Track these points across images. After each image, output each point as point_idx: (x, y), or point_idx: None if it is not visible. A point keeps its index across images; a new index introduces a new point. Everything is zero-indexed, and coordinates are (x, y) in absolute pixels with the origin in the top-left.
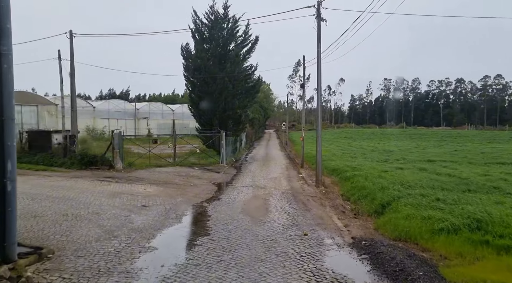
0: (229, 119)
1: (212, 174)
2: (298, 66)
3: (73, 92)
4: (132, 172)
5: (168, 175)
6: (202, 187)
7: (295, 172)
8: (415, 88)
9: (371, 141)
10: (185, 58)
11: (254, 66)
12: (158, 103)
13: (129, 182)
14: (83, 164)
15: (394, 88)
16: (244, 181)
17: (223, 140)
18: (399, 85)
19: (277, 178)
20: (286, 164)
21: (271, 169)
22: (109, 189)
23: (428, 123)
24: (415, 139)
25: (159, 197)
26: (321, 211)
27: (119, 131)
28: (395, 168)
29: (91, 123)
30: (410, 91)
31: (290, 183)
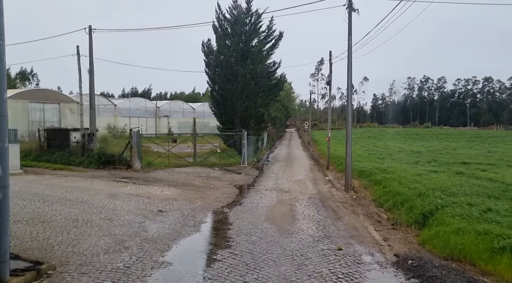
0: (251, 118)
1: (233, 175)
2: (320, 64)
3: (91, 89)
4: (150, 173)
5: (187, 176)
6: (222, 190)
7: (320, 174)
8: (440, 87)
9: (396, 141)
10: (206, 54)
11: (277, 63)
12: (179, 101)
13: (147, 184)
14: (101, 163)
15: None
16: (267, 183)
17: (244, 139)
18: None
19: (302, 180)
20: (311, 165)
21: (295, 171)
22: (125, 191)
23: (453, 123)
24: (443, 140)
25: (176, 201)
26: (354, 220)
27: (137, 130)
28: (428, 171)
29: (112, 121)
30: (435, 90)
31: (317, 186)
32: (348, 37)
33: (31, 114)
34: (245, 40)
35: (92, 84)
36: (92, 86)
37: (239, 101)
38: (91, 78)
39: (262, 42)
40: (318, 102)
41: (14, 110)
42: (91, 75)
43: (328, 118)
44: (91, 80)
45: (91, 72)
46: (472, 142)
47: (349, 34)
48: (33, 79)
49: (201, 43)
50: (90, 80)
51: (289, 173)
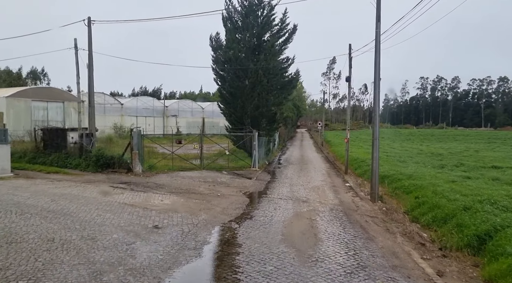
0: (262, 117)
1: (243, 180)
2: (332, 63)
3: (90, 86)
4: (151, 177)
5: (192, 182)
6: (231, 199)
7: (339, 180)
8: (454, 87)
9: (412, 142)
10: (215, 49)
11: (290, 59)
12: (188, 101)
13: (146, 190)
14: (99, 166)
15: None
16: (281, 191)
17: (255, 141)
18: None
19: (320, 187)
20: (327, 169)
21: (311, 175)
22: (120, 199)
23: (467, 123)
24: (460, 141)
25: (177, 213)
26: (390, 241)
27: (139, 129)
28: (461, 177)
29: (119, 121)
30: (449, 90)
31: (338, 195)
32: (376, 23)
33: (34, 113)
34: (256, 34)
35: (91, 80)
36: (91, 82)
37: (250, 99)
38: (90, 74)
39: (275, 36)
40: (330, 102)
41: (17, 109)
42: (90, 71)
43: (346, 118)
44: (90, 75)
45: (90, 67)
46: (493, 144)
47: (377, 20)
48: (44, 79)
49: (209, 37)
50: (89, 75)
51: (305, 178)
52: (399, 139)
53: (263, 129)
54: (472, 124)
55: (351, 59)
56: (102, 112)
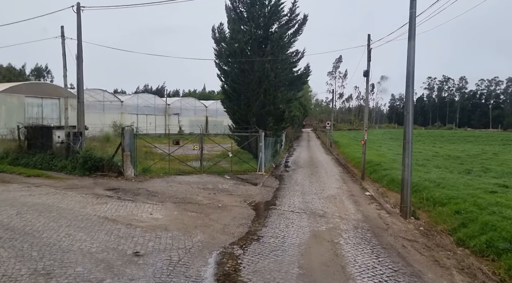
0: (269, 116)
1: (248, 187)
2: (338, 62)
3: (80, 79)
4: (144, 182)
5: (190, 188)
6: (234, 212)
7: (357, 187)
8: (461, 87)
9: (423, 143)
10: (217, 41)
11: (300, 53)
12: (191, 98)
13: (135, 199)
14: (87, 169)
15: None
16: (292, 201)
17: (261, 142)
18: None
19: (336, 197)
20: (340, 174)
21: (324, 181)
22: (101, 212)
23: (475, 124)
24: (473, 143)
25: (167, 232)
26: (446, 281)
27: (131, 128)
28: (497, 186)
29: (119, 119)
30: (456, 91)
31: (359, 207)
32: (410, 2)
33: (28, 109)
34: (263, 25)
35: (81, 72)
36: (80, 75)
37: (256, 96)
38: (79, 65)
39: (283, 27)
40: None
41: (9, 105)
42: (79, 62)
43: (364, 117)
44: (79, 67)
45: (79, 58)
46: (508, 146)
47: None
48: (48, 76)
49: (211, 28)
50: (78, 67)
51: (318, 184)
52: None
53: (270, 129)
54: (479, 125)
55: (370, 51)
56: (101, 110)
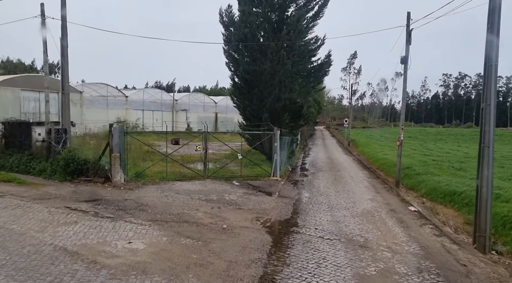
0: (285, 111)
1: (261, 198)
2: (353, 58)
3: (64, 67)
4: (135, 190)
5: (189, 200)
6: (243, 238)
7: (394, 198)
8: (478, 84)
9: (445, 142)
10: (226, 25)
11: (320, 39)
12: (200, 94)
13: (116, 217)
14: (68, 173)
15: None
16: (319, 219)
17: (276, 141)
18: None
19: (374, 213)
20: (368, 179)
21: (353, 189)
22: (62, 238)
23: None
24: (500, 142)
25: (146, 277)
26: None
27: (120, 126)
28: None
29: (123, 115)
30: (473, 88)
31: (409, 230)
32: None
33: (24, 104)
34: (278, 7)
35: (66, 58)
36: (65, 63)
37: (270, 88)
38: (64, 50)
39: (301, 9)
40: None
41: (3, 100)
42: (64, 47)
43: (401, 111)
44: (63, 54)
45: (63, 40)
46: None
47: None
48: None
49: (219, 11)
50: (62, 54)
51: (346, 194)
52: (429, 139)
53: (286, 126)
54: (498, 123)
55: (410, 32)
56: (104, 105)
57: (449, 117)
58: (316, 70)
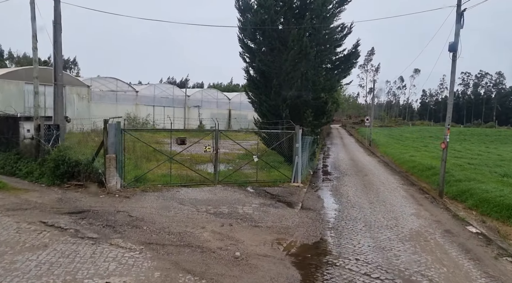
0: (307, 108)
1: (281, 211)
2: (370, 54)
3: (57, 52)
4: (132, 198)
5: (195, 213)
6: (260, 275)
7: (443, 213)
8: (498, 83)
9: (471, 143)
10: (242, 11)
11: (347, 27)
12: (213, 90)
13: (100, 237)
14: (58, 176)
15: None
16: (357, 244)
17: (298, 142)
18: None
19: (426, 236)
20: (402, 186)
21: (389, 200)
22: (18, 274)
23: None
24: None
25: None
26: None
27: (117, 122)
28: None
29: (133, 110)
30: (493, 87)
31: (482, 265)
32: None
33: (28, 98)
34: None
35: (59, 43)
36: (58, 46)
37: (290, 81)
38: (56, 34)
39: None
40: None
41: (7, 93)
42: (56, 29)
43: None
44: (56, 37)
45: (56, 23)
46: None
47: None
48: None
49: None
50: (55, 37)
51: (382, 206)
52: (453, 138)
53: (308, 125)
54: None
55: (462, 13)
56: (113, 100)
57: (468, 117)
58: (341, 61)
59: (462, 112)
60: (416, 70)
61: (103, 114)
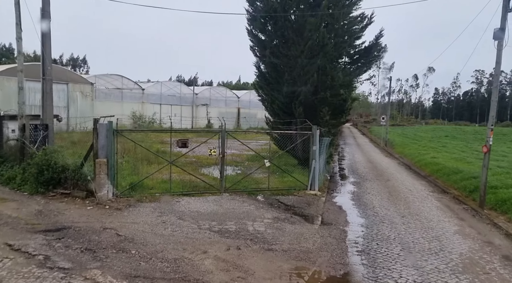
0: (324, 105)
1: (299, 228)
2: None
3: (45, 45)
4: (124, 211)
5: (196, 232)
6: None
7: (493, 231)
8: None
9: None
10: (251, 0)
11: (367, 17)
12: (221, 88)
13: (74, 267)
14: (42, 183)
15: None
16: (399, 278)
17: (315, 144)
18: None
19: (483, 266)
20: (433, 194)
21: (423, 213)
22: None
23: None
24: None
25: None
26: None
27: (109, 121)
28: None
29: (139, 108)
30: (508, 84)
31: None
32: None
33: (30, 96)
34: None
35: (48, 35)
36: (47, 38)
37: (306, 75)
38: (44, 20)
39: None
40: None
41: (6, 90)
42: (45, 18)
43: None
44: (43, 26)
45: (44, 11)
46: None
47: None
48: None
49: None
50: (42, 26)
51: (415, 220)
52: (469, 138)
53: (324, 124)
54: None
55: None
56: (119, 98)
57: (481, 115)
58: (361, 55)
59: (475, 111)
60: (430, 68)
61: (107, 113)
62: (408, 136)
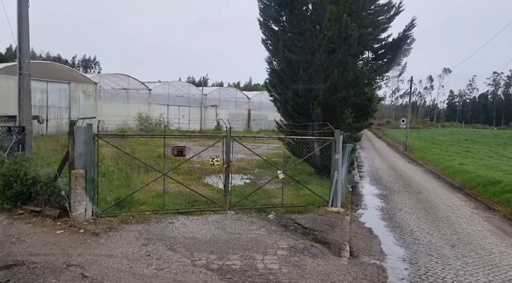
0: (346, 106)
1: (323, 264)
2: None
3: (22, 35)
4: (100, 238)
5: (188, 272)
6: None
7: None
8: None
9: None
10: None
11: (395, 7)
12: (231, 88)
13: None
14: (9, 198)
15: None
16: None
17: (339, 152)
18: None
19: None
20: (476, 211)
21: (476, 241)
22: None
23: None
24: None
25: None
26: None
27: (88, 124)
28: None
29: (145, 109)
30: None
31: None
32: None
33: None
34: None
35: (25, 24)
36: (24, 29)
37: (325, 71)
38: (22, 13)
39: None
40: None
41: (4, 90)
42: (22, 7)
43: None
44: (20, 10)
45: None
46: None
47: None
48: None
49: None
50: (20, 18)
51: (471, 252)
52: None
53: (347, 128)
54: None
55: None
56: (124, 99)
57: (498, 118)
58: (387, 49)
59: (492, 113)
60: (446, 70)
61: (112, 114)
62: (427, 140)
